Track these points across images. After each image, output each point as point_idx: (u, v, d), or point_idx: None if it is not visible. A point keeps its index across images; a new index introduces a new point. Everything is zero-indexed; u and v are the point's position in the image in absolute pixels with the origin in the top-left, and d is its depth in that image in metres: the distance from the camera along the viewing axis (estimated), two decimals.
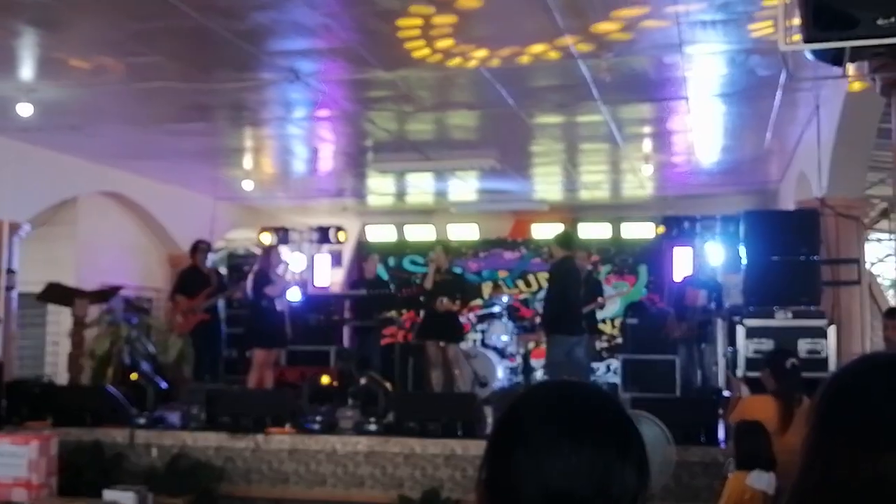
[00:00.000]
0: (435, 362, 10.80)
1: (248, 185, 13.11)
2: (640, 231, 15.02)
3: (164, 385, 9.82)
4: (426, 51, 7.14)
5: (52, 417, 8.83)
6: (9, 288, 9.92)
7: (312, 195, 14.68)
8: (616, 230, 15.16)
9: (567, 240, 10.69)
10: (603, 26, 6.62)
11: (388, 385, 9.01)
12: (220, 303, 11.46)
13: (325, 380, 8.90)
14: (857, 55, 3.66)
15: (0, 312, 9.44)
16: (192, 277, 11.25)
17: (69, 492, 7.82)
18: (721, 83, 8.30)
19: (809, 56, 3.77)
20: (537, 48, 7.11)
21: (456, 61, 7.40)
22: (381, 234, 16.42)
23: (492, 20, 6.57)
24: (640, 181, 13.36)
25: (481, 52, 7.23)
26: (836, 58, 3.70)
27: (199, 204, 14.03)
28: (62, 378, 10.58)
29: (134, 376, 8.86)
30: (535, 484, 1.31)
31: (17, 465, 7.66)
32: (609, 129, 9.92)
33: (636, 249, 15.82)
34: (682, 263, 13.91)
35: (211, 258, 11.98)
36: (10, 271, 9.95)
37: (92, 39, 7.09)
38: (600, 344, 15.25)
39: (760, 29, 6.30)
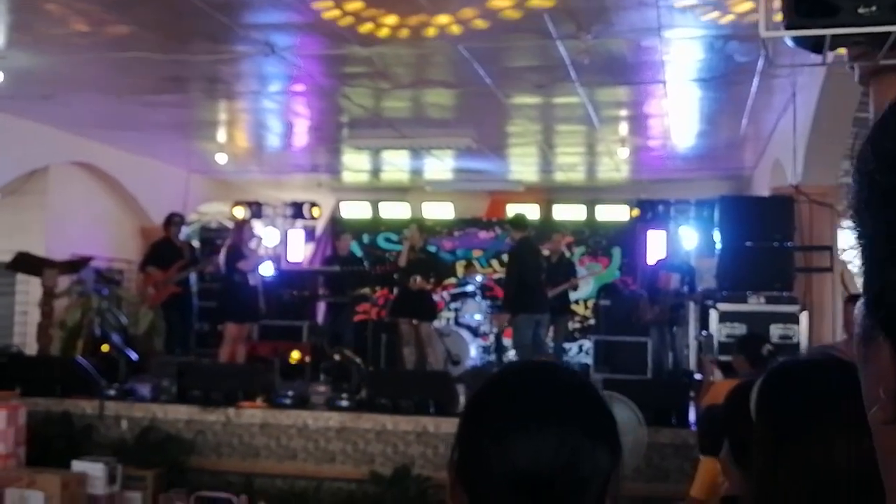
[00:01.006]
0: (408, 340, 10.81)
1: (221, 158, 13.02)
2: (615, 213, 15.07)
3: (134, 357, 9.77)
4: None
5: (21, 387, 8.74)
6: None
7: (287, 170, 14.60)
8: (591, 212, 15.20)
9: (521, 221, 10.85)
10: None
11: (360, 361, 9.01)
12: (193, 276, 11.39)
13: (294, 356, 8.89)
14: (837, 43, 3.67)
15: None
16: (164, 250, 11.16)
17: (37, 462, 7.78)
18: (698, 68, 8.32)
19: (790, 43, 3.78)
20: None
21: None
22: (356, 210, 16.36)
23: None
24: (616, 164, 13.39)
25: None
26: (817, 45, 3.71)
27: (172, 176, 13.92)
28: (31, 348, 10.50)
29: (105, 348, 8.81)
30: (503, 464, 1.29)
31: None
32: (586, 111, 9.92)
33: (610, 232, 15.87)
34: (655, 246, 14.00)
35: (184, 231, 11.90)
36: None
37: (65, 6, 6.98)
38: (573, 325, 15.31)
39: (739, 3, 6.27)
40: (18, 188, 11.18)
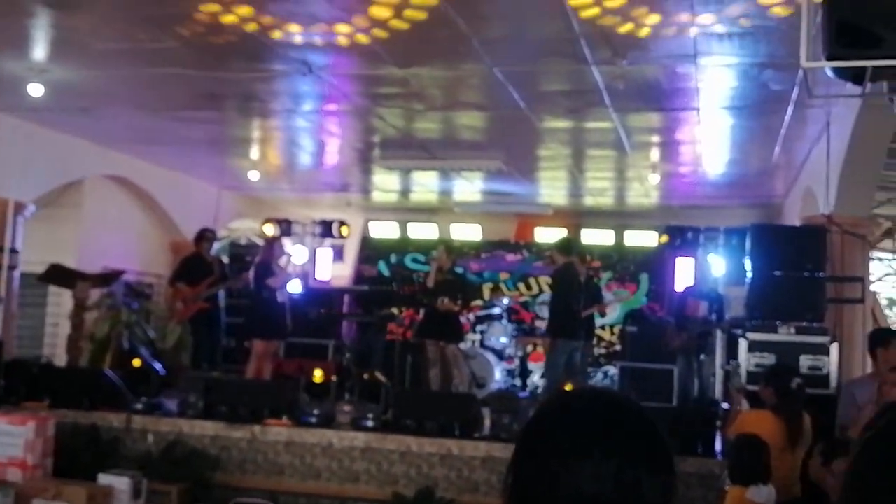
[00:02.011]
0: (433, 361, 10.79)
1: (253, 175, 13.11)
2: (643, 239, 15.03)
3: (161, 371, 9.81)
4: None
5: (50, 399, 8.82)
6: (11, 267, 9.92)
7: (317, 189, 14.67)
8: (619, 237, 15.17)
9: (567, 246, 10.89)
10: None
11: (386, 382, 9.00)
12: (221, 292, 11.45)
13: (318, 375, 8.89)
14: (878, 75, 3.66)
15: (1, 291, 9.43)
16: (194, 265, 11.22)
17: (64, 474, 7.82)
18: (732, 96, 8.30)
19: (830, 73, 3.77)
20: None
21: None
22: (385, 230, 16.40)
23: None
24: (646, 189, 13.36)
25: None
26: (857, 76, 3.70)
27: (204, 192, 14.02)
28: (61, 360, 10.58)
29: (137, 362, 8.86)
30: (563, 490, 1.31)
31: (13, 445, 7.66)
32: (618, 135, 9.92)
33: (638, 257, 15.83)
34: (683, 273, 13.92)
35: (214, 247, 11.96)
36: (12, 251, 9.94)
37: (106, 22, 7.07)
38: (598, 350, 15.25)
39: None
40: (53, 201, 11.30)
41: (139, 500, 7.55)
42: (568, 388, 8.78)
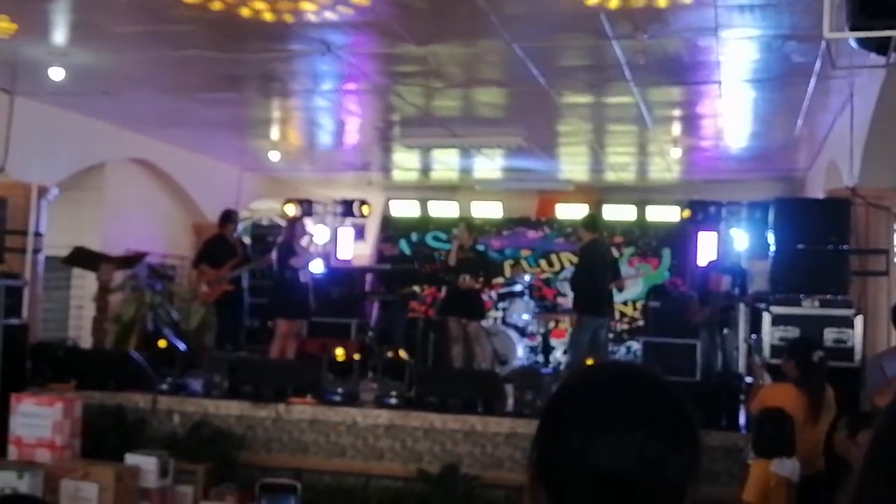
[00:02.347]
0: (456, 338, 10.82)
1: (274, 156, 13.14)
2: (665, 214, 14.96)
3: (186, 352, 9.88)
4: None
5: (76, 380, 8.90)
6: (35, 251, 9.99)
7: (338, 168, 14.68)
8: (641, 213, 15.10)
9: (593, 222, 10.90)
10: None
11: (409, 360, 9.03)
12: (245, 273, 11.50)
13: (339, 353, 8.93)
14: None
15: (26, 274, 9.50)
16: (217, 247, 11.25)
17: (92, 454, 7.89)
18: (754, 68, 8.23)
19: (853, 44, 3.73)
20: None
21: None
22: (405, 209, 16.41)
23: None
24: (668, 164, 13.29)
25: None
26: (881, 46, 3.66)
27: (225, 173, 14.07)
28: (86, 342, 10.68)
29: (162, 343, 8.92)
30: (587, 465, 1.31)
31: (41, 426, 7.74)
32: (639, 110, 9.86)
33: (660, 232, 15.76)
34: (706, 248, 13.87)
35: (237, 228, 12.00)
36: (36, 234, 10.01)
37: (126, 5, 7.09)
38: (621, 326, 15.23)
39: None
40: (76, 184, 11.35)
41: (166, 480, 7.62)
42: (590, 363, 8.80)
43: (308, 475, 7.98)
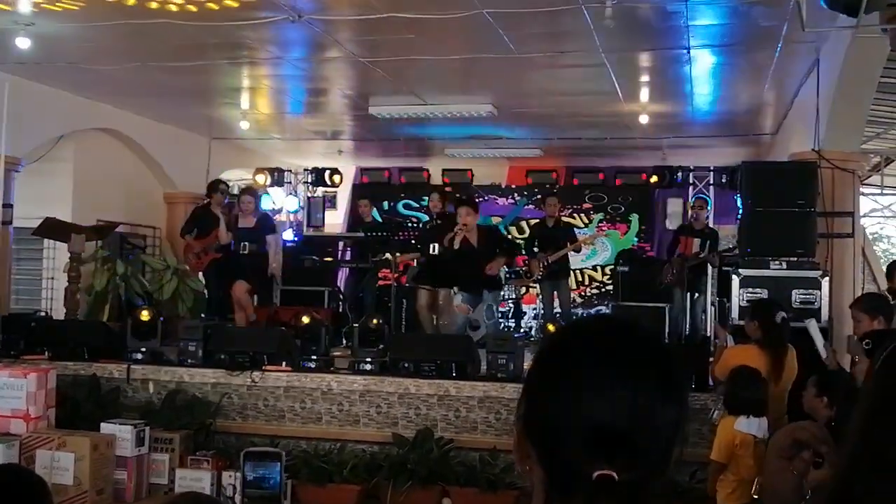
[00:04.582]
0: (426, 305, 10.85)
1: (244, 125, 13.08)
2: (633, 180, 15.07)
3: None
4: None
5: (50, 351, 8.88)
6: (5, 222, 9.94)
7: (308, 136, 14.65)
8: (609, 178, 15.19)
9: None
10: None
11: (382, 326, 9.05)
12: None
13: (305, 319, 8.94)
14: (872, 5, 3.67)
15: None
16: (202, 217, 11.16)
17: (67, 424, 7.88)
18: (722, 33, 8.31)
19: (823, 4, 3.79)
20: None
21: None
22: (376, 177, 16.40)
23: None
24: (636, 130, 13.37)
25: None
26: (851, 8, 3.72)
27: (195, 143, 13.99)
28: (58, 313, 10.64)
29: (145, 315, 8.88)
30: (576, 418, 1.30)
31: (15, 398, 7.72)
32: (608, 76, 9.91)
33: (629, 198, 15.87)
34: (674, 213, 14.01)
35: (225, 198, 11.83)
36: (6, 206, 9.95)
37: None
38: (591, 291, 15.38)
39: None
40: (45, 155, 11.27)
41: (143, 448, 7.64)
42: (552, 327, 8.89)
43: (284, 441, 8.04)
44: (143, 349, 8.73)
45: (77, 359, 8.74)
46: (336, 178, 14.68)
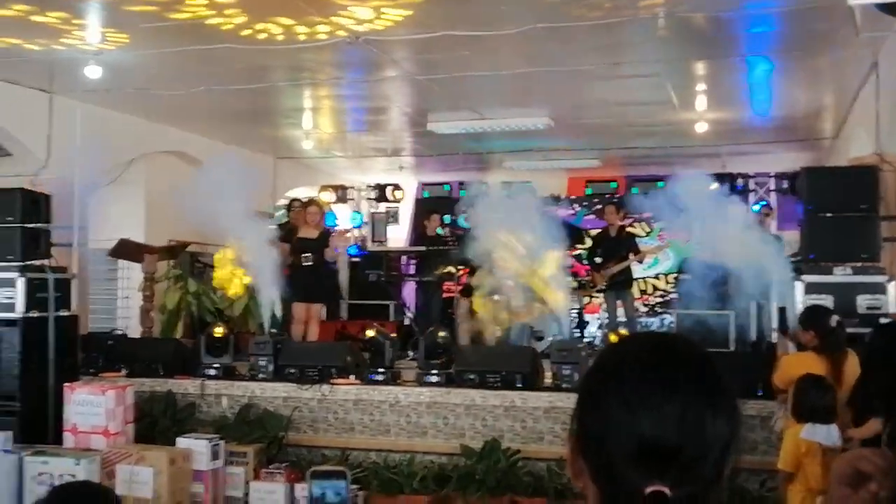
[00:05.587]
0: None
1: (307, 144, 13.33)
2: (694, 188, 14.97)
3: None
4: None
5: (127, 368, 9.16)
6: (81, 244, 10.25)
7: (370, 154, 14.87)
8: (669, 188, 15.11)
9: None
10: None
11: (447, 338, 9.17)
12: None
13: (370, 333, 9.11)
14: None
15: (73, 268, 9.77)
16: (288, 232, 11.34)
17: (145, 440, 8.11)
18: (777, 39, 8.31)
19: (875, 9, 3.83)
20: None
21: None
22: (437, 192, 16.57)
23: None
24: (694, 138, 13.34)
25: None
26: None
27: (261, 163, 14.28)
28: (134, 331, 10.94)
29: (217, 332, 9.13)
30: (627, 434, 1.32)
31: (95, 414, 7.97)
32: (664, 86, 9.95)
33: (690, 205, 15.75)
34: (735, 219, 13.90)
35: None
36: (81, 228, 10.26)
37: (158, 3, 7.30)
38: (654, 299, 15.35)
39: None
40: (117, 178, 11.62)
41: (218, 462, 7.83)
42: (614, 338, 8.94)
43: (355, 453, 8.20)
44: (217, 365, 8.98)
45: (153, 375, 9.01)
46: (398, 193, 14.89)
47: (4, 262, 8.85)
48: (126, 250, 10.84)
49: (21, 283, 8.65)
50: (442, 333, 8.89)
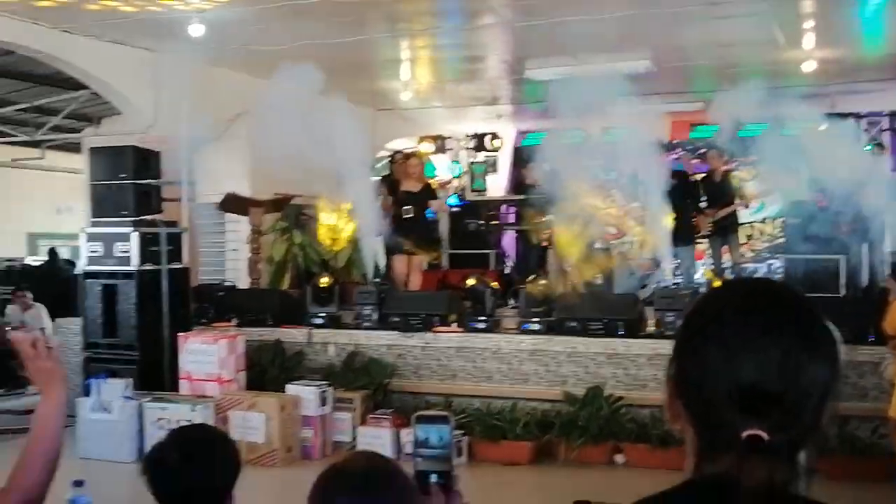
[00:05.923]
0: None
1: (405, 95, 13.38)
2: (802, 128, 14.55)
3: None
4: None
5: (237, 318, 9.46)
6: (190, 199, 10.57)
7: (467, 103, 14.84)
8: (776, 128, 14.71)
9: None
10: None
11: (547, 286, 9.18)
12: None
13: (471, 282, 9.18)
14: None
15: (183, 222, 10.09)
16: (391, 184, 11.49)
17: (256, 387, 8.41)
18: None
19: None
20: None
21: None
22: (536, 139, 16.46)
23: None
24: (801, 78, 12.92)
25: None
26: None
27: (360, 115, 14.39)
28: (242, 282, 11.26)
29: (323, 282, 9.35)
30: (726, 379, 1.32)
31: (208, 363, 8.30)
32: (768, 23, 9.65)
33: (798, 147, 15.33)
34: (845, 160, 13.47)
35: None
36: (190, 184, 10.57)
37: None
38: (762, 244, 15.04)
39: None
40: (224, 134, 11.87)
41: (326, 408, 8.06)
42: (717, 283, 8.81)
43: (458, 400, 8.33)
44: (323, 314, 9.20)
45: (262, 325, 9.28)
46: (496, 142, 14.86)
47: (119, 218, 9.20)
48: (233, 204, 11.11)
49: (135, 238, 8.99)
50: (542, 281, 8.91)
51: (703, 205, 12.22)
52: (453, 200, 14.17)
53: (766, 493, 1.28)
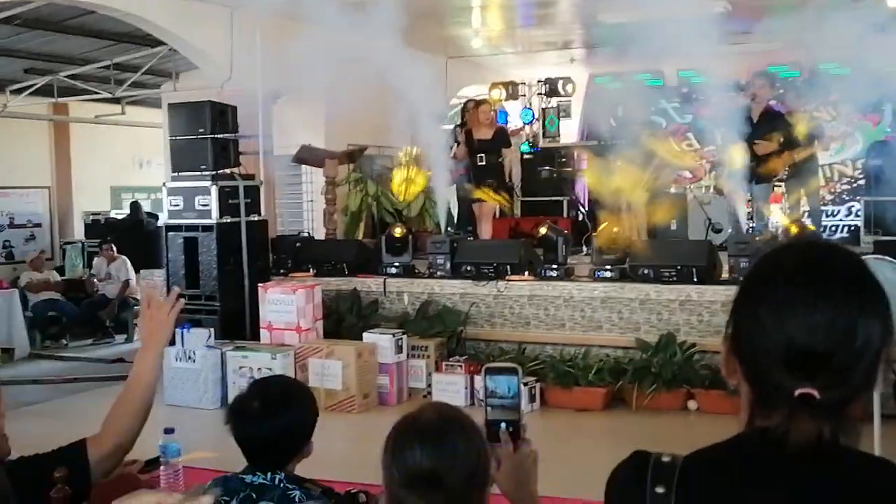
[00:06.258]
0: None
1: (476, 42, 13.34)
2: (884, 66, 14.14)
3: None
4: None
5: (314, 268, 9.66)
6: (266, 152, 10.76)
7: (539, 48, 14.73)
8: (857, 68, 14.33)
9: None
10: None
11: (620, 233, 9.16)
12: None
13: (543, 230, 9.20)
14: None
15: (260, 174, 10.30)
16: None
17: (333, 335, 8.61)
18: None
19: None
20: None
21: None
22: (609, 84, 16.28)
23: None
24: (886, 14, 12.54)
25: None
26: None
27: (432, 63, 14.40)
28: (318, 233, 11.46)
29: (397, 232, 9.48)
30: (777, 341, 1.37)
31: (287, 312, 8.51)
32: None
33: (880, 86, 14.92)
34: None
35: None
36: (266, 137, 10.75)
37: None
38: (841, 186, 14.74)
39: None
40: (297, 87, 12.00)
41: (401, 355, 8.22)
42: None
43: (531, 347, 8.43)
44: (397, 264, 9.34)
45: (338, 275, 9.47)
46: (569, 87, 14.72)
47: (198, 172, 9.43)
48: (308, 156, 11.27)
49: (214, 191, 9.22)
50: (615, 229, 8.90)
51: (779, 147, 11.98)
52: (525, 147, 14.15)
53: (814, 447, 1.35)
